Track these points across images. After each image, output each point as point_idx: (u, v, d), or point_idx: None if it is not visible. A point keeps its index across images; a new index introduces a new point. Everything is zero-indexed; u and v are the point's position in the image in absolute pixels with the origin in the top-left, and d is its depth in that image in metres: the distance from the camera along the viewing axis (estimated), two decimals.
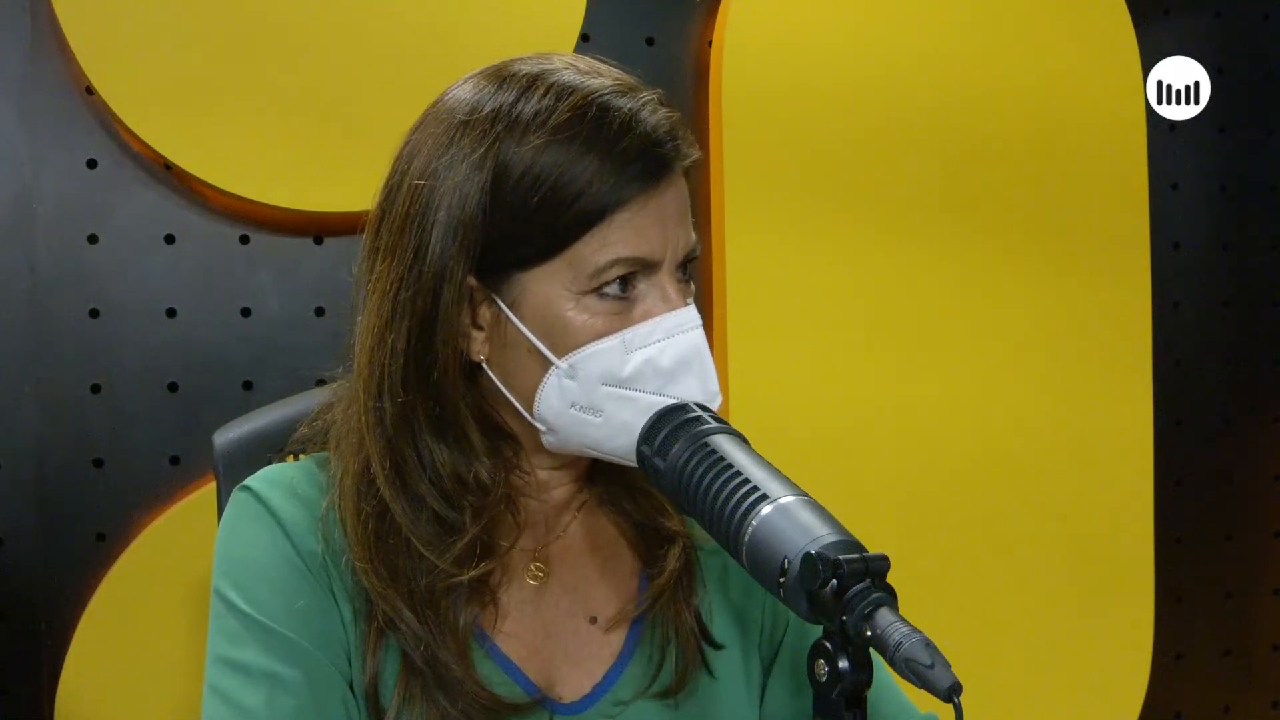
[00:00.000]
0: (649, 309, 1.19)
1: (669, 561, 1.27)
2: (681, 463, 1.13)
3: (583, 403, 1.19)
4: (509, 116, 1.18)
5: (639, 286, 1.19)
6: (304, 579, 1.21)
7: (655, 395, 1.18)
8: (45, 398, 2.16)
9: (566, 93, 1.18)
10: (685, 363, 1.19)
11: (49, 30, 2.15)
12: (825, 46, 2.47)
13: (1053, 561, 2.61)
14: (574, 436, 1.21)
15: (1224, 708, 2.82)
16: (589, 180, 1.16)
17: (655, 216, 1.18)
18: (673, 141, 1.19)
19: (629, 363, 1.18)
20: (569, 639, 1.26)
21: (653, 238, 1.18)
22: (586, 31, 2.35)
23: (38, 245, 2.16)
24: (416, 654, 1.18)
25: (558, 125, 1.16)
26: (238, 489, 1.26)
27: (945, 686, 0.95)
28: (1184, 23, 2.77)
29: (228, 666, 1.20)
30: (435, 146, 1.20)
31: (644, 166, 1.17)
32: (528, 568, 1.27)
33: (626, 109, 1.17)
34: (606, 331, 1.18)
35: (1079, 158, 2.62)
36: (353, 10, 2.23)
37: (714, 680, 1.28)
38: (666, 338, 1.19)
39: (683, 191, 1.22)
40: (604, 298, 1.18)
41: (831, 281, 2.47)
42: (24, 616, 2.15)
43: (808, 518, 1.06)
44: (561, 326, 1.18)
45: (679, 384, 1.18)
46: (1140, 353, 2.68)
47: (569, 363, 1.18)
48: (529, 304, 1.19)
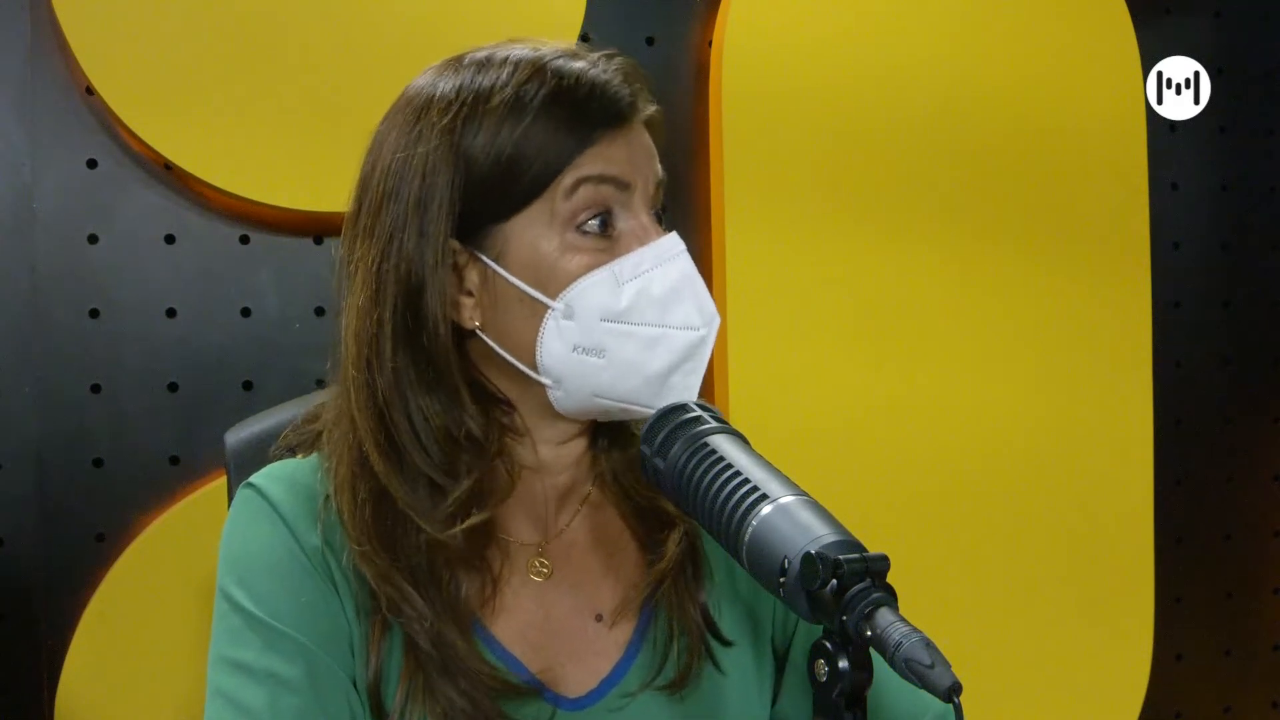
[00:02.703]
0: (632, 242, 1.22)
1: (669, 546, 1.27)
2: (681, 463, 1.13)
3: (585, 344, 1.20)
4: (471, 89, 1.22)
5: (620, 225, 1.22)
6: (308, 575, 1.21)
7: (654, 326, 1.20)
8: (45, 398, 2.16)
9: (523, 61, 1.23)
10: (677, 289, 1.22)
11: (49, 30, 2.15)
12: (825, 46, 2.47)
13: (1053, 561, 2.61)
14: (582, 385, 1.21)
15: (1224, 708, 2.82)
16: (555, 129, 1.20)
17: (623, 150, 1.22)
18: (629, 87, 1.23)
19: (623, 295, 1.20)
20: (574, 637, 1.26)
21: (621, 162, 1.22)
22: (586, 31, 2.35)
23: (38, 245, 2.16)
24: (422, 636, 1.18)
25: (519, 84, 1.21)
26: (242, 486, 1.26)
27: (945, 686, 0.95)
28: (1184, 22, 2.77)
29: (230, 666, 1.20)
30: (404, 127, 1.24)
31: (606, 111, 1.22)
32: (531, 564, 1.27)
33: (581, 66, 1.23)
34: (594, 265, 1.20)
35: (1079, 157, 2.62)
36: (353, 10, 2.23)
37: (722, 675, 1.28)
38: (655, 266, 1.21)
39: (646, 139, 1.25)
40: (585, 234, 1.20)
41: (831, 281, 2.47)
42: (24, 616, 2.15)
43: (808, 517, 1.06)
44: (549, 267, 1.20)
45: (675, 311, 1.21)
46: (1140, 353, 2.68)
47: (564, 301, 1.20)
48: (514, 253, 1.21)
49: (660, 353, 1.21)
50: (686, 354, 1.22)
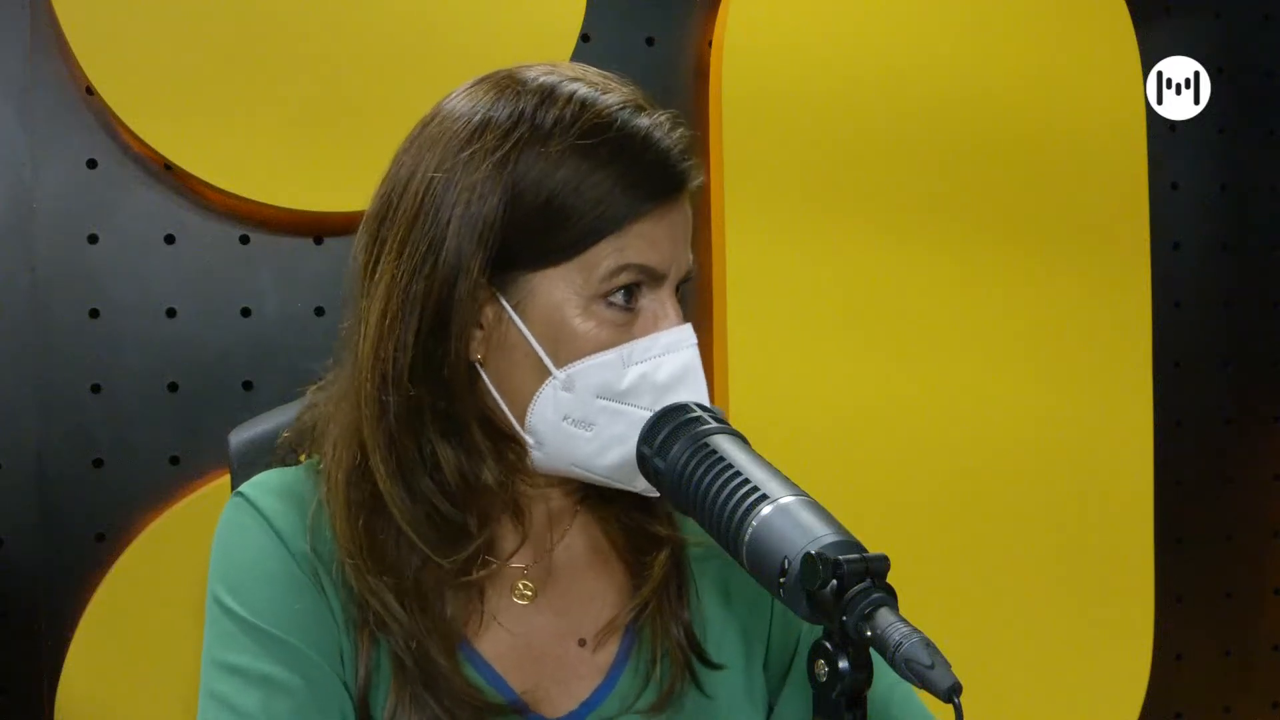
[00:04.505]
0: (649, 324, 1.19)
1: (654, 569, 1.26)
2: (681, 463, 1.12)
3: (576, 415, 1.19)
4: (531, 120, 1.18)
5: (642, 301, 1.19)
6: (299, 584, 1.21)
7: (647, 410, 1.18)
8: (45, 398, 2.16)
9: (588, 104, 1.19)
10: (680, 379, 1.19)
11: (49, 30, 2.15)
12: (825, 47, 2.47)
13: (1053, 561, 2.60)
14: (562, 452, 1.20)
15: (1224, 708, 2.82)
16: (610, 188, 1.17)
17: (667, 231, 1.20)
18: (687, 161, 1.21)
19: (626, 376, 1.18)
20: (556, 661, 1.25)
21: (664, 250, 1.19)
22: (587, 32, 2.35)
23: (38, 245, 2.16)
24: (406, 652, 1.18)
25: (582, 133, 1.17)
26: (233, 495, 1.25)
27: (945, 687, 0.95)
28: (1184, 22, 2.77)
29: (223, 670, 1.19)
30: (452, 143, 1.19)
31: (662, 182, 1.19)
32: (516, 586, 1.26)
33: (646, 125, 1.20)
34: (609, 343, 1.18)
35: (1079, 158, 2.62)
36: (353, 11, 2.23)
37: (708, 699, 1.26)
38: (664, 354, 1.19)
39: (689, 214, 1.24)
40: (610, 306, 1.18)
41: (831, 281, 2.47)
42: (24, 616, 2.16)
43: (808, 518, 1.06)
44: (568, 333, 1.18)
45: (670, 399, 1.18)
46: (1140, 353, 2.68)
47: (566, 374, 1.18)
48: (535, 306, 1.18)
49: None
50: None
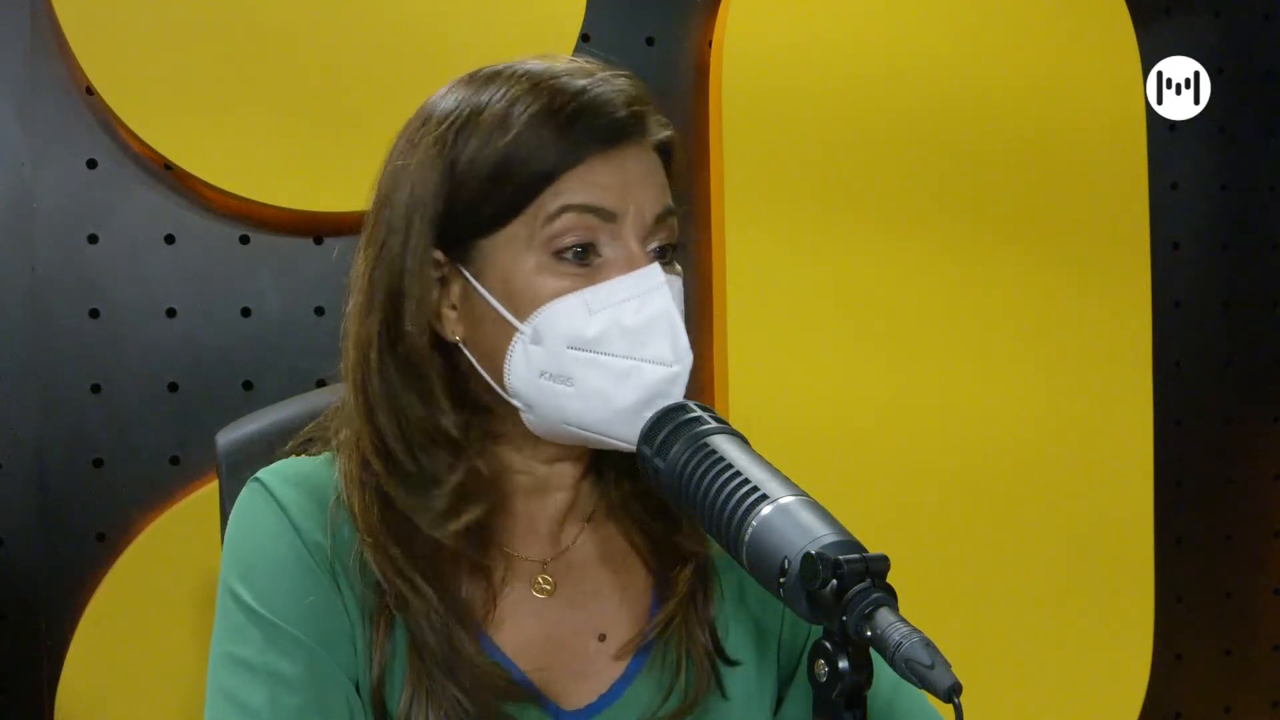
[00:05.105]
0: (611, 271, 1.19)
1: (680, 585, 1.26)
2: (681, 463, 1.12)
3: (551, 369, 1.18)
4: (469, 102, 1.21)
5: (602, 253, 1.19)
6: (312, 574, 1.21)
7: (625, 359, 1.17)
8: (45, 398, 2.16)
9: (526, 76, 1.21)
10: (652, 323, 1.18)
11: (49, 30, 2.15)
12: (825, 47, 2.47)
13: (1053, 561, 2.60)
14: (551, 412, 1.20)
15: (1224, 708, 2.82)
16: (542, 142, 1.17)
17: (618, 176, 1.19)
18: (630, 109, 1.20)
19: (592, 323, 1.17)
20: (575, 655, 1.25)
21: (613, 192, 1.19)
22: (587, 31, 2.35)
23: (38, 245, 2.16)
24: (428, 631, 1.18)
25: (513, 99, 1.19)
26: (250, 480, 1.26)
27: (945, 686, 0.95)
28: (1184, 22, 2.77)
29: (231, 662, 1.20)
30: (406, 137, 1.24)
31: (603, 130, 1.19)
32: (535, 580, 1.26)
33: (581, 83, 1.20)
34: (567, 291, 1.18)
35: (1079, 158, 2.62)
36: (352, 10, 2.23)
37: (726, 701, 1.27)
38: (630, 297, 1.18)
39: (650, 162, 1.22)
40: (563, 260, 1.18)
41: (831, 281, 2.47)
42: (24, 616, 2.16)
43: (808, 518, 1.06)
44: (522, 288, 1.18)
45: (648, 345, 1.18)
46: (1140, 353, 2.68)
47: (531, 325, 1.18)
48: (491, 270, 1.20)
49: (630, 386, 1.17)
50: (658, 390, 1.17)
